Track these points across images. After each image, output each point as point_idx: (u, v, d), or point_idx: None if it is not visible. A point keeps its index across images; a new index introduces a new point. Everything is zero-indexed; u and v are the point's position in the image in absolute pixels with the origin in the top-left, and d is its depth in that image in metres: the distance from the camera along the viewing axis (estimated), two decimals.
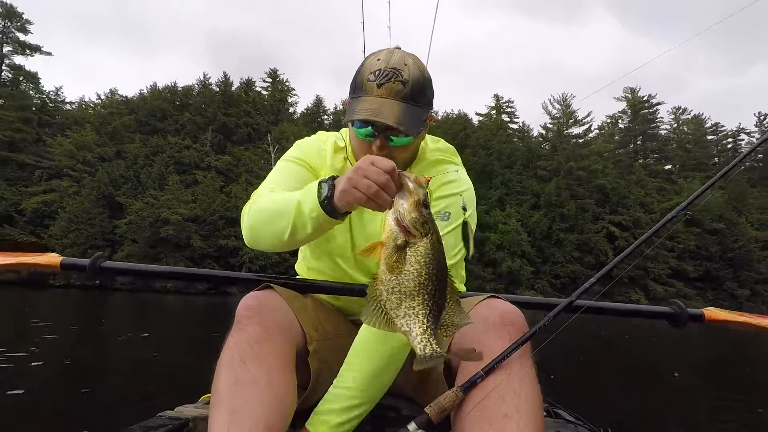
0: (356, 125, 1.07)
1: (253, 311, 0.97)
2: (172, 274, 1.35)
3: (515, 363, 0.87)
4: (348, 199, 0.87)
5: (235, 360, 0.89)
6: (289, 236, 0.99)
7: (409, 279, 0.77)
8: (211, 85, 45.63)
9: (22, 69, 39.93)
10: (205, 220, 32.60)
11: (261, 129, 42.88)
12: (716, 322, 1.24)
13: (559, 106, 49.34)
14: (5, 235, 31.97)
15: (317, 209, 0.92)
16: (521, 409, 0.83)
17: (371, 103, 1.03)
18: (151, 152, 38.51)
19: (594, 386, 4.40)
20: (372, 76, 1.05)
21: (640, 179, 45.62)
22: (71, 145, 36.13)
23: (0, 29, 38.48)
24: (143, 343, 6.49)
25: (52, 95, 43.55)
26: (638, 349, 9.22)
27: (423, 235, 0.77)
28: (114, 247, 32.43)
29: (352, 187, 0.84)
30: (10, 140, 35.97)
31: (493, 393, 0.84)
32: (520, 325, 0.95)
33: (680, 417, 3.52)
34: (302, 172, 1.21)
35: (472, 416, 0.84)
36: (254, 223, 1.06)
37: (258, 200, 1.08)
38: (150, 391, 3.70)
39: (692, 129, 54.30)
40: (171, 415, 1.22)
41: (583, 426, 1.28)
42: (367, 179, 0.82)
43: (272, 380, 0.88)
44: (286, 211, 0.98)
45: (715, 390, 4.42)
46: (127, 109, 42.52)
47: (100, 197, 33.47)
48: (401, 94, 1.03)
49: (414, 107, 1.05)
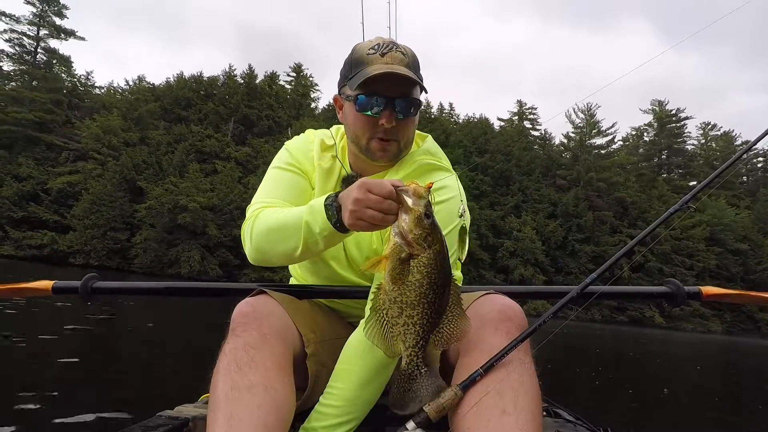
0: (359, 101, 1.04)
1: (248, 317, 0.96)
2: (166, 289, 1.31)
3: (515, 359, 0.86)
4: (356, 229, 0.89)
5: (231, 366, 0.88)
6: (302, 253, 1.01)
7: (411, 289, 0.78)
8: (236, 76, 46.29)
9: (56, 52, 41.16)
10: (222, 210, 33.10)
11: (282, 122, 43.32)
12: (714, 297, 1.24)
13: (582, 115, 48.55)
14: (31, 213, 33.05)
15: (329, 228, 0.94)
16: (519, 405, 0.82)
17: (380, 67, 1.01)
18: (173, 140, 39.29)
19: (594, 386, 4.34)
20: (371, 50, 1.05)
21: (663, 194, 44.58)
22: (98, 128, 37.10)
23: (38, 12, 39.70)
24: (145, 341, 6.60)
25: (83, 79, 44.82)
26: (638, 349, 9.06)
27: (426, 248, 0.78)
28: (133, 230, 33.22)
29: (357, 220, 0.85)
30: (41, 121, 37.15)
31: (492, 389, 0.84)
32: (519, 321, 0.94)
33: (681, 416, 3.48)
34: (296, 179, 1.20)
35: (471, 412, 0.84)
36: (261, 244, 1.05)
37: (258, 220, 1.06)
38: (150, 390, 3.74)
39: (721, 146, 52.77)
40: (171, 415, 1.21)
41: (583, 426, 1.27)
42: (370, 209, 0.82)
43: (269, 384, 0.87)
44: (294, 231, 0.99)
45: (715, 389, 4.40)
46: (153, 96, 43.43)
47: (122, 181, 34.29)
48: (404, 62, 1.04)
49: (417, 79, 1.04)
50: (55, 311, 7.67)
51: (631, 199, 42.57)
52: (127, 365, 4.85)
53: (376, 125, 1.05)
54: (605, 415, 3.27)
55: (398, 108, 1.04)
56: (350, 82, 1.06)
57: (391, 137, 1.07)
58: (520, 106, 50.81)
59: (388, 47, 1.04)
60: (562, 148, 49.54)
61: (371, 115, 1.04)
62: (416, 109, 1.08)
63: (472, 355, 0.91)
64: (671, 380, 6.96)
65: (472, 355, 0.91)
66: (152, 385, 3.87)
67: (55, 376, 4.04)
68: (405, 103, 1.04)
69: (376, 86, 1.02)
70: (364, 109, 1.04)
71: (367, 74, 1.00)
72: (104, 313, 7.74)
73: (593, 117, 47.98)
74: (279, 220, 1.02)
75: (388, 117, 1.03)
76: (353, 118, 1.08)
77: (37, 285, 1.27)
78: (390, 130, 1.05)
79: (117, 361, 5.06)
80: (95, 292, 1.22)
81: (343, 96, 1.11)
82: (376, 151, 1.09)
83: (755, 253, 41.36)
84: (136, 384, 3.87)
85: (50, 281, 1.28)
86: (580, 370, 5.79)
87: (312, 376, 1.05)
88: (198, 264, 31.10)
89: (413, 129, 1.13)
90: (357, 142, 1.11)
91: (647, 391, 4.35)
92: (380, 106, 1.03)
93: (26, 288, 1.27)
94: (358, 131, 1.09)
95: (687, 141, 52.49)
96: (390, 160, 1.13)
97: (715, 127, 53.27)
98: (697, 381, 7.07)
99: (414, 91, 1.06)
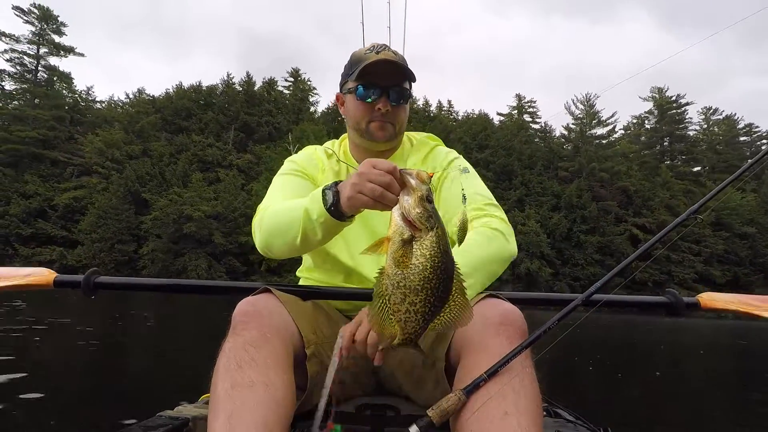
0: (358, 91, 1.21)
1: (249, 316, 0.96)
2: (169, 286, 1.29)
3: (517, 363, 0.87)
4: (355, 204, 0.90)
5: (231, 365, 0.88)
6: (301, 242, 1.04)
7: (414, 273, 0.77)
8: (234, 84, 46.59)
9: (56, 69, 41.63)
10: (227, 218, 33.34)
11: (282, 128, 43.53)
12: (711, 309, 1.24)
13: (582, 106, 48.39)
14: (39, 229, 33.47)
15: (324, 215, 0.97)
16: (521, 407, 0.83)
17: (376, 57, 1.19)
18: (175, 150, 39.62)
19: (594, 386, 4.32)
20: (367, 51, 1.23)
21: (667, 181, 44.34)
22: (101, 143, 37.52)
23: (37, 31, 40.17)
24: (145, 342, 6.60)
25: (84, 94, 45.29)
26: (638, 346, 9.05)
27: (428, 229, 0.78)
28: (140, 241, 33.55)
29: (357, 192, 0.87)
30: (44, 138, 37.60)
31: (495, 393, 0.85)
32: (519, 325, 0.95)
33: (681, 417, 3.45)
34: (301, 182, 1.28)
35: (474, 416, 0.84)
36: (266, 234, 1.11)
37: (268, 210, 1.13)
38: (150, 390, 3.72)
39: (724, 130, 52.38)
40: (171, 415, 1.21)
41: (583, 426, 1.26)
42: (371, 182, 0.84)
43: (270, 383, 0.87)
44: (295, 219, 1.02)
45: (715, 389, 4.22)
46: (154, 108, 43.83)
47: (127, 194, 34.65)
48: (396, 58, 1.21)
49: (406, 66, 1.22)
50: (56, 312, 7.71)
51: (634, 187, 42.37)
52: (127, 365, 4.86)
53: (373, 110, 1.22)
54: (605, 414, 3.27)
55: (392, 95, 1.22)
56: (351, 76, 1.23)
57: (387, 120, 1.23)
58: (519, 100, 50.75)
59: (381, 48, 1.22)
60: (563, 140, 49.40)
61: (369, 102, 1.22)
62: (407, 98, 1.26)
63: (474, 357, 0.93)
64: (679, 366, 6.95)
65: (475, 357, 0.92)
66: (152, 385, 3.87)
67: (55, 376, 4.04)
68: (397, 91, 1.22)
69: (373, 78, 1.20)
70: (363, 97, 1.22)
71: (360, 67, 1.18)
72: (105, 314, 7.70)
73: (593, 107, 47.82)
74: (285, 207, 1.10)
75: (384, 102, 1.21)
76: (354, 106, 1.25)
77: (38, 279, 1.25)
78: (386, 114, 1.22)
79: (117, 361, 5.06)
80: (98, 287, 1.20)
81: (345, 91, 1.28)
82: (376, 130, 1.24)
83: (763, 236, 41.00)
84: (137, 384, 3.87)
85: (53, 273, 1.26)
86: (585, 361, 5.78)
87: (311, 378, 1.05)
88: (205, 272, 31.34)
89: (405, 115, 1.29)
90: (357, 128, 1.27)
91: (648, 388, 4.26)
92: (377, 94, 1.21)
93: (27, 284, 1.24)
94: (358, 116, 1.25)
95: (689, 127, 52.21)
96: (387, 139, 1.27)
97: (716, 112, 52.95)
98: (707, 366, 7.00)
99: (405, 83, 1.24)
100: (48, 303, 7.95)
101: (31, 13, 39.54)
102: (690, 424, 3.35)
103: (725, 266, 39.97)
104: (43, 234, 33.62)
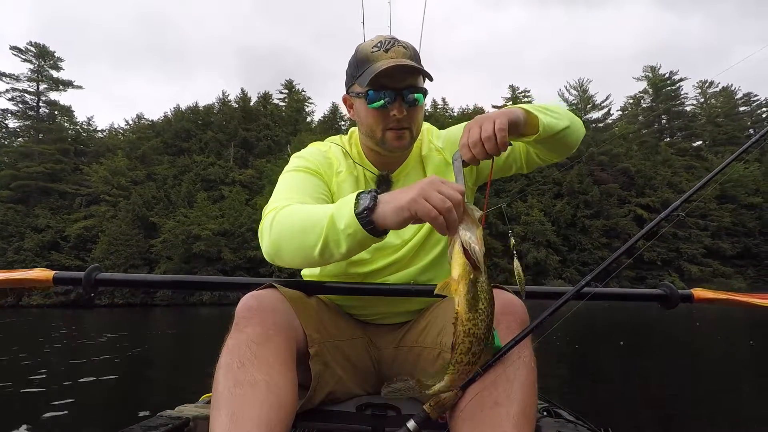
0: (369, 96, 1.07)
1: (252, 312, 0.93)
2: (170, 282, 1.29)
3: (512, 353, 0.85)
4: (412, 208, 0.82)
5: (233, 363, 0.87)
6: (320, 253, 0.93)
7: (481, 320, 0.72)
8: (230, 101, 47.23)
9: (57, 104, 42.63)
10: (234, 234, 33.87)
11: (281, 141, 44.08)
12: (704, 301, 1.26)
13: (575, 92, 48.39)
14: (54, 261, 34.18)
15: (355, 225, 0.86)
16: (512, 396, 0.82)
17: (387, 62, 1.05)
18: (178, 172, 40.30)
19: (594, 386, 4.14)
20: (375, 47, 1.09)
21: (667, 158, 44.18)
22: (105, 171, 38.32)
23: (35, 69, 41.17)
24: (145, 342, 6.50)
25: (85, 125, 46.28)
26: (636, 344, 8.92)
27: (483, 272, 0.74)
28: (151, 265, 34.16)
29: (422, 198, 0.80)
30: (51, 171, 38.50)
31: (488, 383, 0.84)
32: (519, 315, 0.94)
33: (682, 417, 3.12)
34: (314, 180, 1.16)
35: (467, 407, 0.84)
36: (277, 236, 0.98)
37: (282, 212, 1.00)
38: (150, 390, 3.68)
39: (722, 102, 52.01)
40: (171, 415, 1.20)
41: (583, 426, 1.22)
42: (441, 194, 0.80)
43: (272, 381, 0.85)
44: (317, 224, 0.91)
45: (717, 387, 3.85)
46: (154, 132, 44.58)
47: (135, 219, 35.31)
48: (408, 55, 1.09)
49: (422, 68, 1.10)
50: (56, 312, 7.98)
51: (635, 168, 42.29)
52: (128, 365, 4.91)
53: (387, 116, 1.10)
54: (605, 414, 3.06)
55: (407, 98, 1.09)
56: (359, 80, 1.10)
57: (404, 125, 1.11)
58: (512, 91, 50.83)
59: (390, 43, 1.09)
60: None
61: (383, 108, 1.09)
62: (423, 97, 1.13)
63: None
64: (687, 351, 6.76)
65: None
66: (152, 385, 3.84)
67: (55, 375, 4.10)
68: (412, 92, 1.09)
69: (384, 80, 1.06)
70: (375, 103, 1.08)
71: (376, 70, 1.04)
72: (105, 313, 7.91)
73: (586, 92, 47.80)
74: (305, 211, 0.98)
75: (398, 107, 1.08)
76: (365, 113, 1.12)
77: (37, 276, 1.21)
78: (401, 119, 1.10)
79: (118, 361, 5.13)
80: (98, 283, 1.17)
81: (353, 94, 1.15)
82: (392, 140, 1.12)
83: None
84: (137, 384, 3.87)
85: (51, 271, 1.23)
86: (580, 369, 5.21)
87: (315, 377, 1.03)
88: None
89: (421, 116, 1.18)
90: (372, 135, 1.14)
91: (648, 388, 3.84)
92: (390, 99, 1.07)
93: (27, 279, 1.21)
94: (372, 124, 1.12)
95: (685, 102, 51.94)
96: (405, 148, 1.17)
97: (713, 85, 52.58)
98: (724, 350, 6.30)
99: (419, 81, 1.11)
100: (49, 303, 8.21)
101: (28, 52, 40.61)
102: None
103: (734, 238, 39.71)
104: (57, 265, 34.30)
